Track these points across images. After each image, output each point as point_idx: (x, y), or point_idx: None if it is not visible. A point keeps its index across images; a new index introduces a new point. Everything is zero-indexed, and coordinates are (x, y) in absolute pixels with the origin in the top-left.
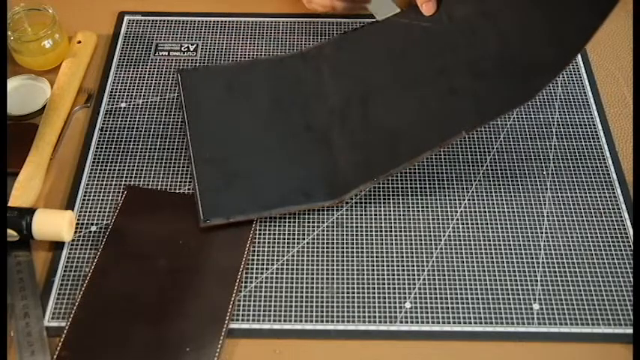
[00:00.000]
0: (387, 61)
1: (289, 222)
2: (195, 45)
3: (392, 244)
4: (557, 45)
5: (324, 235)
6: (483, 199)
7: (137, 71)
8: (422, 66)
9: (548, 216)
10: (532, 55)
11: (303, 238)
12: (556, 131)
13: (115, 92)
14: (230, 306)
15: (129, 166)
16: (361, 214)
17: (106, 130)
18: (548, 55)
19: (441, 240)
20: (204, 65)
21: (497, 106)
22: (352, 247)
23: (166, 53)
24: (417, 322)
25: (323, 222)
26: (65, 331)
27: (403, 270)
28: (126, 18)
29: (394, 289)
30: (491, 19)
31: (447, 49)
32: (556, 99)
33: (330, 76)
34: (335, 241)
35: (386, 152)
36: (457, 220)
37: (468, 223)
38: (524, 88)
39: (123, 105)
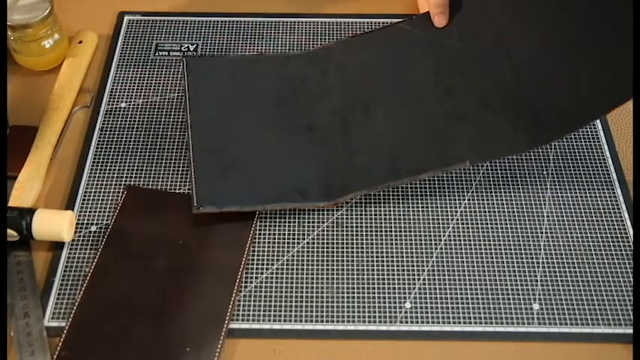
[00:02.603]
0: (393, 70)
1: (289, 222)
2: (195, 45)
3: (392, 244)
4: (575, 103)
5: (324, 235)
6: (483, 199)
7: (137, 71)
8: (429, 82)
9: (548, 216)
10: (545, 101)
11: (303, 238)
12: None
13: (115, 92)
14: (230, 306)
15: (129, 166)
16: (361, 214)
17: (106, 130)
18: (563, 111)
19: (441, 240)
20: (210, 54)
21: (500, 146)
22: (352, 247)
23: (166, 53)
24: (417, 322)
25: (323, 222)
26: (65, 331)
27: (403, 270)
28: (126, 18)
29: (394, 289)
30: (504, 48)
31: (457, 70)
32: None
33: (336, 78)
34: (335, 241)
35: (386, 164)
36: (457, 220)
37: (468, 223)
38: (529, 135)
39: (123, 105)
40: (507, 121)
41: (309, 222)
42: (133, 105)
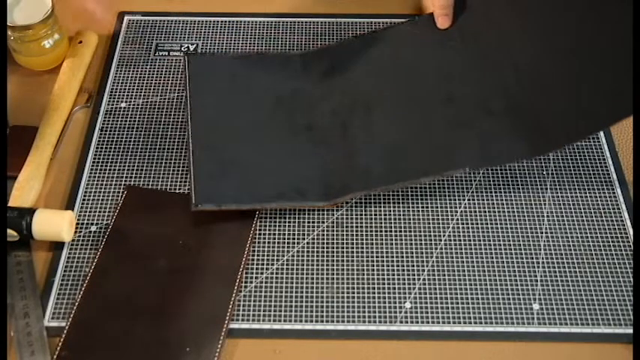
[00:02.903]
0: (395, 72)
1: (289, 222)
2: (195, 45)
3: (392, 244)
4: (576, 106)
5: (324, 235)
6: (483, 199)
7: (137, 71)
8: (430, 84)
9: (548, 216)
10: (547, 104)
11: (303, 238)
12: None
13: (115, 92)
14: (230, 306)
15: (129, 166)
16: (361, 214)
17: (106, 130)
18: (564, 116)
19: (441, 240)
20: (212, 52)
21: (501, 150)
22: (352, 247)
23: (166, 53)
24: (417, 322)
25: (323, 222)
26: (65, 331)
27: (403, 270)
28: (126, 18)
29: (394, 289)
30: (506, 49)
31: (458, 73)
32: None
33: (337, 78)
34: (335, 241)
35: (386, 166)
36: (457, 220)
37: (468, 223)
38: (529, 139)
39: (123, 105)
40: (508, 125)
41: (309, 222)
42: (133, 105)
